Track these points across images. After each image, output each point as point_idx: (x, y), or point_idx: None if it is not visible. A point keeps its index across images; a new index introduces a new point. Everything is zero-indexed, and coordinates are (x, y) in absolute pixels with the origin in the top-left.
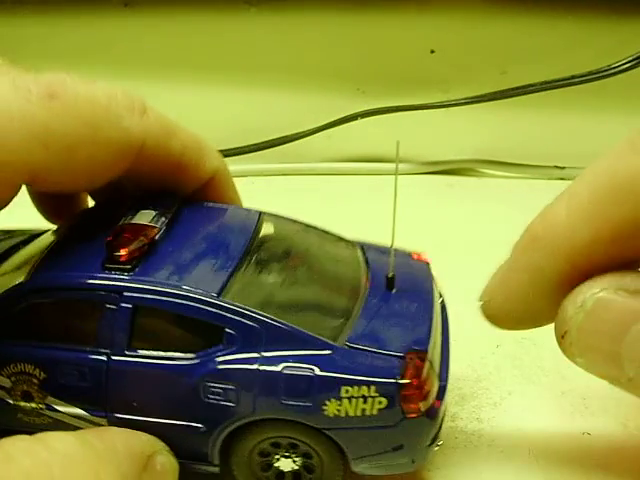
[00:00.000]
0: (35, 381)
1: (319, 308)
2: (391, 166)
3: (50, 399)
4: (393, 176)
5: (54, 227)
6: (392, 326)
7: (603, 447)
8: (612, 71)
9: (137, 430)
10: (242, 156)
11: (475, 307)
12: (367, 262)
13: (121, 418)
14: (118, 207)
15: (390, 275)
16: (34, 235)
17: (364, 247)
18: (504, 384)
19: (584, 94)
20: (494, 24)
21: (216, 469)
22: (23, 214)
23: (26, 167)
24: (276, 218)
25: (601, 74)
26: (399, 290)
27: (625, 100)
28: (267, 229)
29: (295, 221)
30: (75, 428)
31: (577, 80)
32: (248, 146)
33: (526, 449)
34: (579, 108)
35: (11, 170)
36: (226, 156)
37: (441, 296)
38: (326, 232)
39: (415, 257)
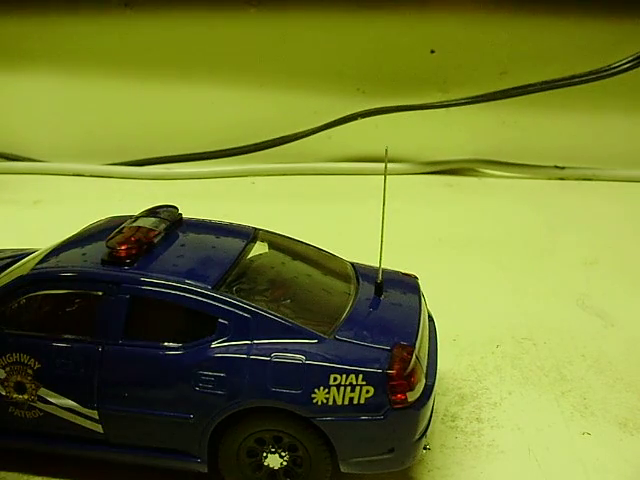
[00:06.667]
0: (30, 371)
1: (309, 309)
2: (391, 166)
3: (43, 390)
4: (393, 176)
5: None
6: (380, 325)
7: (603, 447)
8: (612, 71)
9: (127, 423)
10: (242, 156)
11: (475, 306)
12: (357, 275)
13: (111, 410)
14: (122, 219)
15: (379, 281)
16: (29, 253)
17: (354, 265)
18: (504, 384)
19: (584, 94)
20: (494, 24)
21: (204, 467)
22: None
23: None
24: (271, 234)
25: (601, 74)
26: (387, 297)
27: (625, 100)
28: (262, 243)
29: (289, 238)
30: (65, 422)
31: (577, 80)
32: (248, 146)
33: (526, 449)
34: (579, 108)
35: None
36: (226, 156)
37: (429, 312)
38: (319, 249)
39: (403, 274)
